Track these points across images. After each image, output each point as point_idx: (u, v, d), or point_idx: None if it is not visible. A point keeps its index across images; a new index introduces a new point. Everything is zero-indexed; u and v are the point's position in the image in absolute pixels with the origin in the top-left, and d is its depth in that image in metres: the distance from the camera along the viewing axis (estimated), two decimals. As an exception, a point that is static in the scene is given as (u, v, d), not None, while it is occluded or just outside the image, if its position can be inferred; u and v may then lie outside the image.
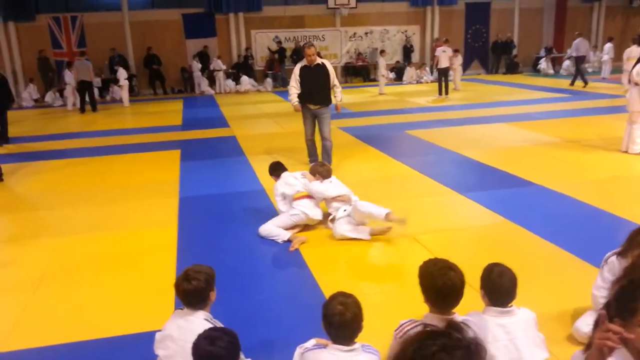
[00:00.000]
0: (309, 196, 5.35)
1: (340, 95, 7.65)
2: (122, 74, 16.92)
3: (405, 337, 1.35)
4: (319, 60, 7.39)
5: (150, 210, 6.17)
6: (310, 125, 7.62)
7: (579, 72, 17.47)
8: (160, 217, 5.90)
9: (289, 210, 5.30)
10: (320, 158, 7.61)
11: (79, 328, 3.64)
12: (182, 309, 2.78)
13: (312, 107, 7.46)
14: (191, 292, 2.67)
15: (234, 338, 2.23)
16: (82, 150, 9.96)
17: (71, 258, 4.89)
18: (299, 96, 7.49)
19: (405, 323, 2.49)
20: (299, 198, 5.35)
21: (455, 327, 1.26)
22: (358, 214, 4.99)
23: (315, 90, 7.39)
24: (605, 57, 19.52)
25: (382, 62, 17.51)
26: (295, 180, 5.52)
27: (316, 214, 5.29)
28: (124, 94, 17.14)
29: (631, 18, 24.74)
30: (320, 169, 5.46)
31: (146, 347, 2.95)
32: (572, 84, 17.38)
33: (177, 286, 2.71)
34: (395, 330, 2.51)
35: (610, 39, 19.77)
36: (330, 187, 5.31)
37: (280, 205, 5.44)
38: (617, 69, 19.40)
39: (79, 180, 7.73)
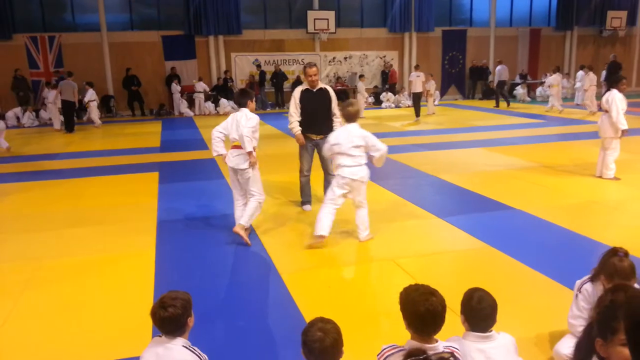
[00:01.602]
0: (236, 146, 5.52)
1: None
2: (90, 94, 16.90)
3: None
4: (321, 85, 6.62)
5: (127, 233, 6.07)
6: (309, 159, 6.70)
7: (502, 95, 20.13)
8: (137, 240, 5.80)
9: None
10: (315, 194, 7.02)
11: (54, 356, 3.53)
12: (160, 336, 2.72)
13: (314, 137, 6.60)
14: (168, 319, 2.62)
15: None
16: (57, 171, 9.81)
17: (45, 283, 4.77)
18: (301, 125, 6.60)
19: (386, 348, 2.48)
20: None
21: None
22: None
23: (318, 118, 6.55)
24: (578, 84, 20.16)
25: (362, 86, 17.83)
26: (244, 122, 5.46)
27: (234, 163, 5.54)
28: (93, 114, 17.09)
29: (601, 47, 25.61)
30: (344, 110, 5.46)
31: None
32: (497, 105, 20.07)
33: (153, 314, 2.65)
34: (378, 355, 2.49)
35: (582, 67, 20.47)
36: (339, 137, 5.40)
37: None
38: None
39: (54, 203, 7.58)
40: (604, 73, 20.55)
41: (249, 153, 5.45)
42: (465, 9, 24.34)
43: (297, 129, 6.59)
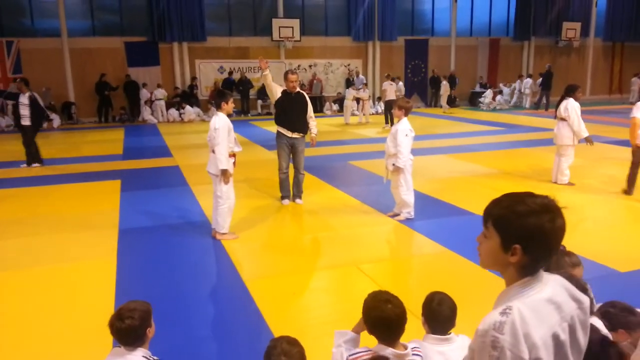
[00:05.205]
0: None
1: (315, 129, 7.43)
2: None
3: None
4: (298, 89, 7.27)
5: (87, 243, 5.95)
6: (286, 158, 7.28)
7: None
8: (98, 250, 5.70)
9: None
10: (291, 191, 7.44)
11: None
12: (119, 346, 2.69)
13: (289, 134, 7.17)
14: (125, 331, 2.59)
15: None
16: (13, 180, 9.54)
17: (1, 295, 4.65)
18: (276, 120, 7.29)
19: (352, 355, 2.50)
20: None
21: None
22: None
23: (294, 117, 7.18)
24: (527, 91, 21.45)
25: (366, 93, 18.69)
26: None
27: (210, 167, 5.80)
28: None
29: (557, 57, 26.44)
30: (407, 105, 6.33)
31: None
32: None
33: (111, 325, 2.62)
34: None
35: (529, 75, 21.60)
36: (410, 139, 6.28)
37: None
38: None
39: (11, 212, 7.37)
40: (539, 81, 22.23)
41: (222, 172, 5.62)
42: (427, 18, 24.80)
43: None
